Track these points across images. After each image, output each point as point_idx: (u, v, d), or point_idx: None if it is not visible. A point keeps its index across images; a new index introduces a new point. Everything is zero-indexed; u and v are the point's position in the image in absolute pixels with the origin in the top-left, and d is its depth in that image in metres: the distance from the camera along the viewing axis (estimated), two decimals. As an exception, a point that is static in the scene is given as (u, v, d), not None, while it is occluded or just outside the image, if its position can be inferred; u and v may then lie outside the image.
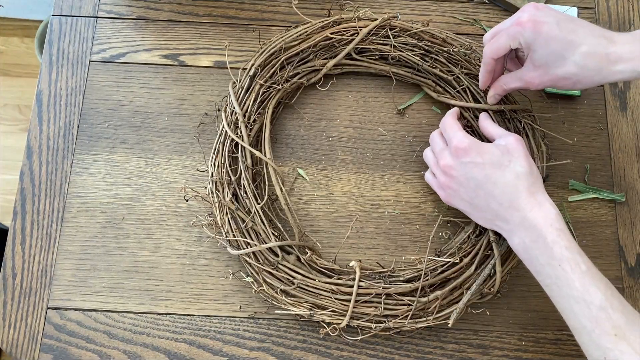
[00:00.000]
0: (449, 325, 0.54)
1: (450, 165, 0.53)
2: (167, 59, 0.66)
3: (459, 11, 0.69)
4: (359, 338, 0.55)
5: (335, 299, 0.54)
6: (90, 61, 0.66)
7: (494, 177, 0.50)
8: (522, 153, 0.51)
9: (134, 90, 0.65)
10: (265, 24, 0.68)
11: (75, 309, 0.58)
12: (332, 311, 0.54)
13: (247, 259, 0.56)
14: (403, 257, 0.60)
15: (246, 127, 0.58)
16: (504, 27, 0.53)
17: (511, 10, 0.68)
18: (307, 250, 0.57)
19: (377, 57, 0.64)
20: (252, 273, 0.57)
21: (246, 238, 0.56)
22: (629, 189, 0.63)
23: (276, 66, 0.61)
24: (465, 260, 0.56)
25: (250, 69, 0.61)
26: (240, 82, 0.61)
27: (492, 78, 0.57)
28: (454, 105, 0.62)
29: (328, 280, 0.55)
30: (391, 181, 0.63)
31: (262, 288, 0.56)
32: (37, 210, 0.61)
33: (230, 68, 0.64)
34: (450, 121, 0.55)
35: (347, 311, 0.53)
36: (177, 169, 0.62)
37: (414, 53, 0.63)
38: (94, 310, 0.58)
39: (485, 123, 0.57)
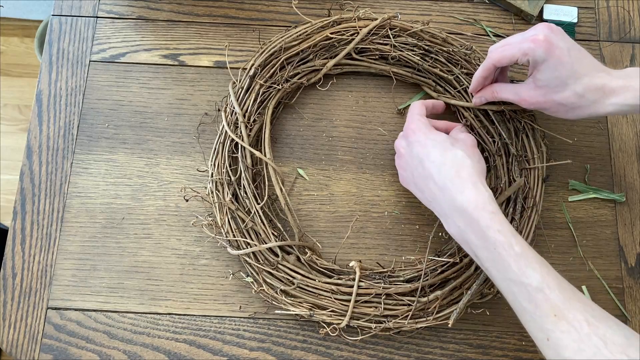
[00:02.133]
0: (449, 326, 0.54)
1: (401, 144, 0.56)
2: (167, 59, 0.66)
3: (459, 11, 0.69)
4: (359, 338, 0.55)
5: (335, 299, 0.54)
6: (90, 61, 0.66)
7: (433, 155, 0.51)
8: (469, 143, 0.53)
9: (134, 90, 0.65)
10: (265, 24, 0.68)
11: (75, 309, 0.58)
12: (332, 311, 0.54)
13: (247, 259, 0.56)
14: (403, 257, 0.60)
15: (246, 127, 0.58)
16: (515, 40, 0.53)
17: (511, 10, 0.68)
18: (307, 250, 0.57)
19: (377, 57, 0.64)
20: (252, 273, 0.57)
21: (246, 238, 0.56)
22: (629, 189, 0.63)
23: (276, 66, 0.61)
24: (465, 260, 0.56)
25: (250, 69, 0.61)
26: (240, 82, 0.61)
27: (485, 84, 0.58)
28: (454, 105, 0.62)
29: (328, 280, 0.55)
30: (391, 181, 0.63)
31: (262, 288, 0.56)
32: (37, 210, 0.61)
33: (230, 68, 0.64)
34: (413, 108, 0.57)
35: (347, 311, 0.53)
36: (177, 169, 0.62)
37: (414, 53, 0.63)
38: (94, 310, 0.58)
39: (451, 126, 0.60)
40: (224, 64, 0.66)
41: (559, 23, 0.67)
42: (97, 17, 0.68)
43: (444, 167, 0.50)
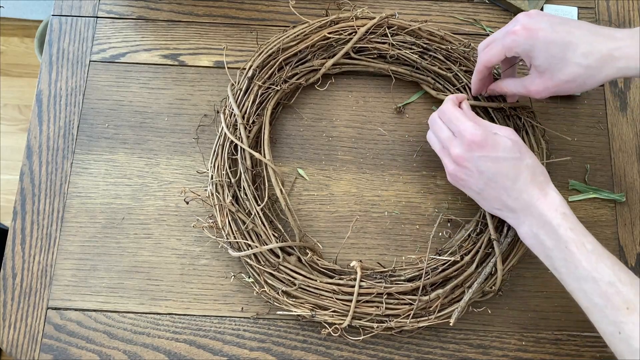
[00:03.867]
0: (451, 324, 0.54)
1: (463, 157, 0.52)
2: (167, 59, 0.66)
3: (459, 11, 0.69)
4: (360, 338, 0.55)
5: (336, 299, 0.54)
6: (90, 61, 0.66)
7: (506, 170, 0.50)
8: (524, 144, 0.52)
9: (134, 90, 0.65)
10: (265, 24, 0.68)
11: (75, 309, 0.58)
12: (333, 311, 0.54)
13: (248, 260, 0.56)
14: (403, 257, 0.60)
15: (245, 128, 0.58)
16: (498, 36, 0.53)
17: (511, 10, 0.68)
18: (308, 251, 0.57)
19: (375, 55, 0.64)
20: (253, 274, 0.57)
21: (247, 240, 0.56)
22: (629, 189, 0.63)
23: (274, 67, 0.61)
24: (466, 258, 0.56)
25: (248, 70, 0.61)
26: (238, 83, 0.61)
27: (484, 85, 0.58)
28: None
29: (329, 280, 0.55)
30: (391, 181, 0.63)
31: (263, 289, 0.56)
32: (37, 210, 0.61)
33: (230, 68, 0.64)
34: (453, 111, 0.54)
35: (348, 311, 0.53)
36: (177, 169, 0.62)
37: (412, 51, 0.63)
38: (94, 310, 0.58)
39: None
40: (224, 64, 0.66)
41: None
42: (97, 17, 0.68)
43: (519, 179, 0.50)
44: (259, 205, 0.57)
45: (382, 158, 0.63)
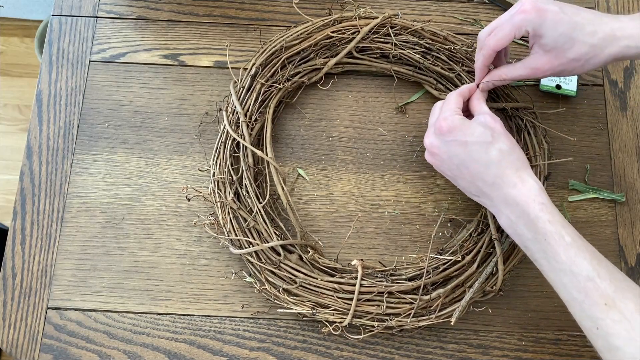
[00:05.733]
0: (452, 323, 0.54)
1: (432, 143, 0.53)
2: (167, 59, 0.66)
3: (459, 11, 0.69)
4: (361, 337, 0.55)
5: (337, 297, 0.54)
6: (90, 61, 0.66)
7: (476, 155, 0.50)
8: (502, 131, 0.51)
9: (134, 90, 0.65)
10: (265, 24, 0.68)
11: (75, 309, 0.58)
12: (334, 310, 0.54)
13: (250, 258, 0.56)
14: (403, 257, 0.60)
15: (247, 126, 0.59)
16: (504, 19, 0.53)
17: (511, 10, 0.68)
18: (309, 249, 0.57)
19: (378, 55, 0.64)
20: (254, 272, 0.57)
21: (248, 237, 0.56)
22: (629, 189, 0.63)
23: (277, 65, 0.61)
24: (468, 258, 0.56)
25: (251, 68, 0.61)
26: (241, 81, 0.61)
27: (485, 74, 0.58)
28: None
29: (330, 279, 0.55)
30: (391, 181, 0.63)
31: (264, 287, 0.56)
32: (37, 210, 0.61)
33: (231, 68, 0.64)
34: (449, 97, 0.55)
35: (349, 310, 0.53)
36: (177, 169, 0.62)
37: (415, 51, 0.63)
38: (94, 310, 0.58)
39: (473, 98, 0.57)
40: (224, 64, 0.66)
41: None
42: (97, 17, 0.68)
43: (491, 165, 0.49)
44: (260, 202, 0.57)
45: (382, 158, 0.63)
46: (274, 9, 0.68)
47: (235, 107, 0.59)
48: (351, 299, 0.54)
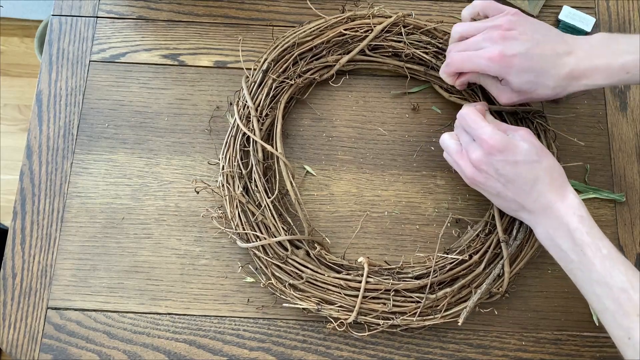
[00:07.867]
0: (459, 324, 0.53)
1: (481, 160, 0.52)
2: (167, 59, 0.66)
3: (459, 11, 0.68)
4: (366, 333, 0.54)
5: (343, 294, 0.54)
6: (90, 61, 0.66)
7: (524, 173, 0.50)
8: (541, 145, 0.52)
9: (134, 90, 0.65)
10: (265, 24, 0.68)
11: (75, 309, 0.58)
12: (339, 306, 0.54)
13: (257, 252, 0.56)
14: (403, 257, 0.60)
15: (258, 121, 0.59)
16: (474, 44, 0.54)
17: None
18: (316, 245, 0.57)
19: (390, 54, 0.64)
20: (260, 267, 0.57)
21: (256, 231, 0.56)
22: (629, 189, 0.63)
23: (289, 61, 0.61)
24: (475, 258, 0.55)
25: (263, 63, 0.61)
26: (253, 76, 0.61)
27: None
28: (461, 105, 0.62)
29: (337, 275, 0.55)
30: (391, 181, 0.63)
31: (270, 282, 0.56)
32: (37, 210, 0.61)
33: (232, 68, 0.64)
34: (473, 115, 0.54)
35: (354, 306, 0.53)
36: (177, 169, 0.62)
37: (427, 51, 0.63)
38: (94, 310, 0.58)
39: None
40: (224, 64, 0.66)
41: (572, 27, 0.66)
42: (97, 17, 0.68)
43: (537, 182, 0.50)
44: (269, 197, 0.57)
45: (382, 158, 0.63)
46: (274, 9, 0.68)
47: (247, 102, 0.59)
48: (357, 296, 0.54)
